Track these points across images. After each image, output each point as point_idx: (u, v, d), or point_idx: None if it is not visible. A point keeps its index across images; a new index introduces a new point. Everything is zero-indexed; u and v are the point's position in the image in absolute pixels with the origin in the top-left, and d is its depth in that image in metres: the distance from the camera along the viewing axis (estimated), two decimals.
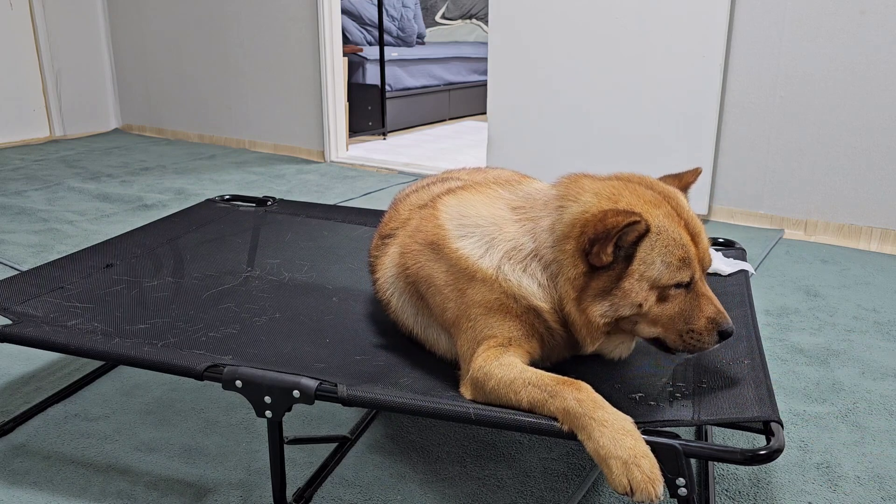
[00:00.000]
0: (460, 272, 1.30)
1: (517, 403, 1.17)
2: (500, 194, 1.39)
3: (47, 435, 1.62)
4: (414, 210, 1.52)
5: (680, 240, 1.19)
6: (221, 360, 1.33)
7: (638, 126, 3.46)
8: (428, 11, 7.86)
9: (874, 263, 2.85)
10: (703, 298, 1.22)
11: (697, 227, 1.25)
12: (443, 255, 1.33)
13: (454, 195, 1.42)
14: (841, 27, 2.99)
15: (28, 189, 3.83)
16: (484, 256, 1.29)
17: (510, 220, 1.32)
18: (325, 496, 1.43)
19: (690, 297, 1.22)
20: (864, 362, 2.01)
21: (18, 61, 5.01)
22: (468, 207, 1.37)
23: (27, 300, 1.62)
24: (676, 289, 1.21)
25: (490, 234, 1.31)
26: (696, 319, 1.21)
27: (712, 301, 1.23)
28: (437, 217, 1.38)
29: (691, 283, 1.21)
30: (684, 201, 1.28)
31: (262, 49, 4.79)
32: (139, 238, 2.08)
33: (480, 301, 1.28)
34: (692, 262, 1.20)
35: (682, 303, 1.22)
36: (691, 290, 1.22)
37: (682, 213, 1.24)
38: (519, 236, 1.29)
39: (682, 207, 1.25)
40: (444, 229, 1.35)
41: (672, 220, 1.21)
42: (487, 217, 1.33)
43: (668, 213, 1.22)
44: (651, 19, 3.31)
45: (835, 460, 1.57)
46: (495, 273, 1.27)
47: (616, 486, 1.03)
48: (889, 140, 3.00)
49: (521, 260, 1.27)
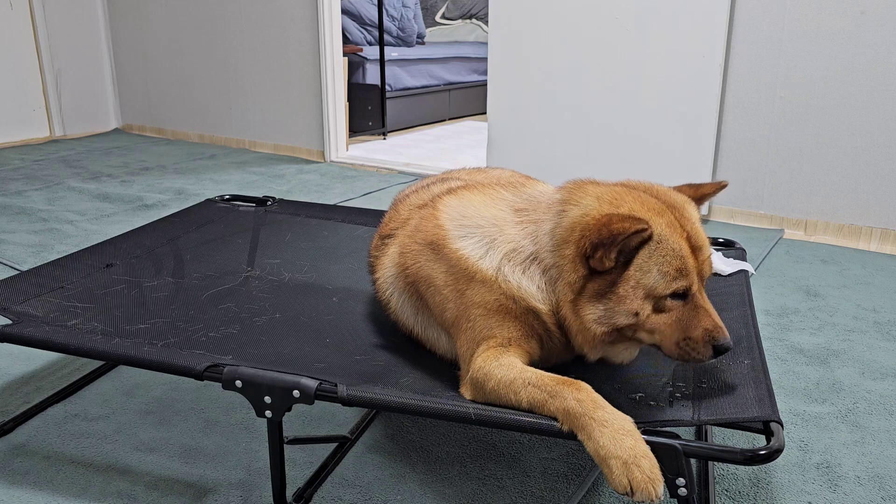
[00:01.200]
0: (460, 273, 1.30)
1: (517, 404, 1.17)
2: (502, 195, 1.38)
3: (47, 435, 1.62)
4: (413, 210, 1.51)
5: (679, 250, 1.18)
6: (221, 360, 1.33)
7: (638, 126, 3.46)
8: (428, 11, 7.86)
9: (874, 263, 2.85)
10: (701, 311, 1.20)
11: (700, 240, 1.23)
12: (442, 255, 1.33)
13: (455, 195, 1.42)
14: (841, 27, 2.99)
15: (28, 189, 3.83)
16: (484, 257, 1.29)
17: (511, 222, 1.31)
18: (325, 496, 1.43)
19: (688, 309, 1.20)
20: (864, 362, 2.01)
21: (18, 61, 5.01)
22: (469, 208, 1.36)
23: (27, 300, 1.62)
24: (673, 300, 1.19)
25: (491, 236, 1.30)
26: (692, 329, 1.19)
27: (710, 314, 1.21)
28: (438, 217, 1.38)
29: (688, 294, 1.20)
30: (692, 212, 1.27)
31: (262, 49, 4.79)
32: (139, 238, 2.08)
33: (480, 302, 1.28)
34: (689, 274, 1.19)
35: (680, 314, 1.20)
36: (689, 301, 1.20)
37: (685, 224, 1.22)
38: (520, 238, 1.28)
39: (687, 218, 1.24)
40: (444, 229, 1.35)
41: (673, 231, 1.19)
42: (489, 218, 1.33)
43: (671, 222, 1.20)
44: (651, 19, 3.31)
45: (835, 460, 1.57)
46: (495, 274, 1.27)
47: (616, 487, 1.03)
48: (889, 140, 3.00)
49: (521, 262, 1.27)
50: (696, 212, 1.29)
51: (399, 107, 5.87)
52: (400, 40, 6.57)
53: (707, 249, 1.24)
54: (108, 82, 5.55)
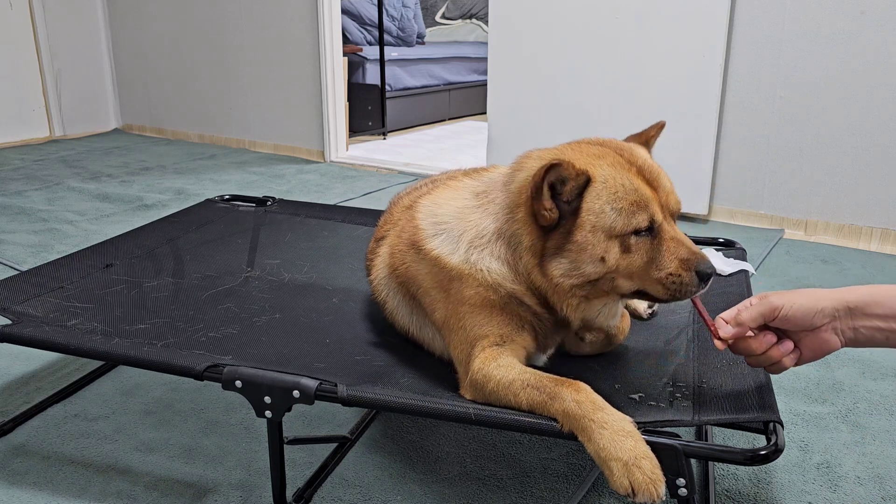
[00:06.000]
0: (439, 272, 1.31)
1: (517, 406, 1.17)
2: (465, 184, 1.39)
3: (47, 435, 1.62)
4: (403, 211, 1.53)
5: (630, 185, 1.16)
6: (221, 361, 1.33)
7: (638, 126, 3.41)
8: (428, 11, 7.86)
9: (874, 263, 2.84)
10: (672, 242, 1.16)
11: (654, 173, 1.20)
12: (422, 256, 1.34)
13: (430, 195, 1.43)
14: (841, 27, 2.99)
15: (28, 189, 3.83)
16: (454, 252, 1.29)
17: (472, 208, 1.32)
18: (325, 496, 1.43)
19: (657, 243, 1.16)
20: (864, 362, 2.01)
21: (18, 61, 5.01)
22: (440, 206, 1.37)
23: (27, 300, 1.62)
24: (637, 236, 1.15)
25: (457, 228, 1.31)
26: (669, 263, 1.15)
27: (684, 243, 1.17)
28: (415, 218, 1.39)
29: (653, 227, 1.16)
30: (641, 152, 1.25)
31: (262, 49, 4.79)
32: (139, 238, 2.08)
33: (462, 299, 1.27)
34: (648, 205, 1.15)
35: (651, 250, 1.16)
36: (657, 235, 1.17)
37: (634, 162, 1.20)
38: (481, 220, 1.29)
39: (636, 157, 1.21)
40: (419, 229, 1.36)
41: (620, 168, 1.17)
42: (454, 211, 1.34)
43: (616, 161, 1.18)
44: (651, 19, 3.31)
45: (835, 460, 1.57)
46: (466, 266, 1.27)
47: (617, 488, 1.03)
48: (889, 140, 3.00)
49: (486, 244, 1.26)
50: (646, 152, 1.27)
51: (399, 107, 5.87)
52: (400, 40, 6.57)
53: (666, 182, 1.21)
54: (108, 82, 5.55)
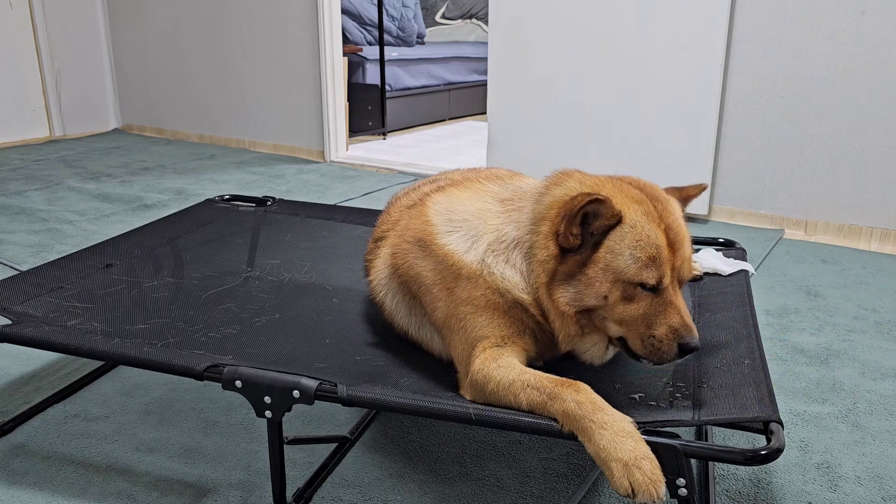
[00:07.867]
0: (447, 269, 1.30)
1: (517, 406, 1.17)
2: (489, 188, 1.39)
3: (47, 435, 1.62)
4: (404, 211, 1.52)
5: (654, 239, 1.17)
6: (221, 360, 1.33)
7: (638, 126, 3.46)
8: (428, 11, 7.86)
9: (874, 263, 2.84)
10: (670, 307, 1.18)
11: (679, 236, 1.21)
12: (430, 252, 1.33)
13: (444, 192, 1.43)
14: (841, 27, 2.99)
15: (28, 189, 3.83)
16: (469, 251, 1.29)
17: (495, 212, 1.32)
18: (325, 496, 1.43)
19: (657, 303, 1.18)
20: (864, 362, 2.01)
21: (18, 61, 5.01)
22: (457, 203, 1.36)
23: (27, 300, 1.62)
24: (643, 289, 1.17)
25: (476, 228, 1.31)
26: (658, 325, 1.17)
27: (680, 312, 1.18)
28: (426, 214, 1.38)
29: (659, 287, 1.18)
30: (675, 209, 1.25)
31: (262, 49, 4.79)
32: (139, 238, 2.08)
33: (467, 298, 1.28)
34: (662, 266, 1.17)
35: (648, 306, 1.18)
36: (660, 295, 1.18)
37: (665, 218, 1.20)
38: (503, 226, 1.29)
39: (669, 213, 1.22)
40: (432, 225, 1.35)
41: (651, 220, 1.18)
42: (474, 211, 1.33)
43: (649, 211, 1.19)
44: (651, 19, 3.31)
45: (835, 460, 1.57)
46: (480, 267, 1.27)
47: (618, 489, 1.03)
48: (889, 140, 3.00)
49: (504, 250, 1.27)
50: (680, 210, 1.27)
51: (399, 107, 5.87)
52: (400, 40, 6.57)
53: (687, 249, 1.22)
54: (107, 82, 5.55)
